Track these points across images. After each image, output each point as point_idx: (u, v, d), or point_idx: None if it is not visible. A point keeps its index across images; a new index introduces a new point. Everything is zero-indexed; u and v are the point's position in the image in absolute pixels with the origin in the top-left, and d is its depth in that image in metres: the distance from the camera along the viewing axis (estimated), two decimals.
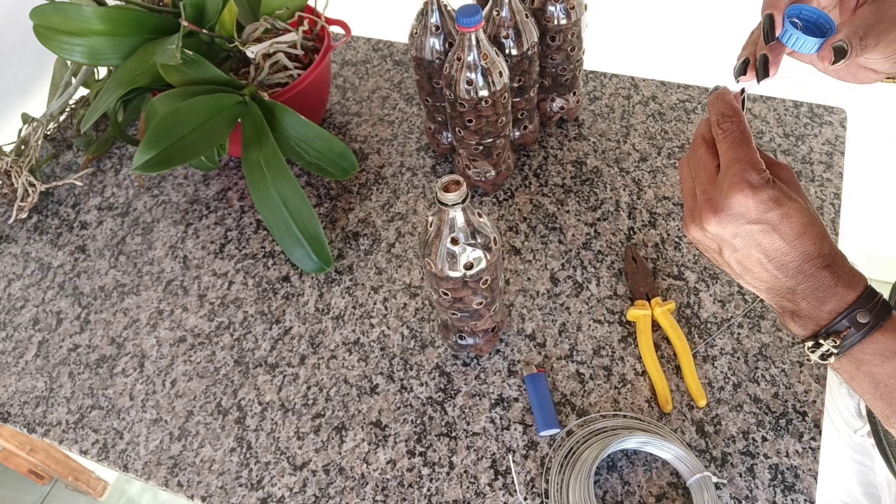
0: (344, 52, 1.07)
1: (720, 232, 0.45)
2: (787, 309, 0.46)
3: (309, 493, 0.64)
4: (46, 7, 0.78)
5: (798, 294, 0.44)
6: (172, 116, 0.73)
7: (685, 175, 0.49)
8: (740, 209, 0.43)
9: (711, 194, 0.45)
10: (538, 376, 0.68)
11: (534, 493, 0.62)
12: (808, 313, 0.44)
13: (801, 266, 0.44)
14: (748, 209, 0.43)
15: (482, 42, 0.69)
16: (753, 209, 0.43)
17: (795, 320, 0.45)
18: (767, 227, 0.43)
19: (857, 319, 0.43)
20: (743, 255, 0.45)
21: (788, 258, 0.44)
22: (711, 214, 0.44)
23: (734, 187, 0.43)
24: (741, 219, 0.44)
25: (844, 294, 0.43)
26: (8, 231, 0.92)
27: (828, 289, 0.44)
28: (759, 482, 0.61)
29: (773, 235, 0.44)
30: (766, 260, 0.44)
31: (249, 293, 0.80)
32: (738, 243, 0.45)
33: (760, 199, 0.43)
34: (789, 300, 0.45)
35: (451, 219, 0.55)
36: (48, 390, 0.75)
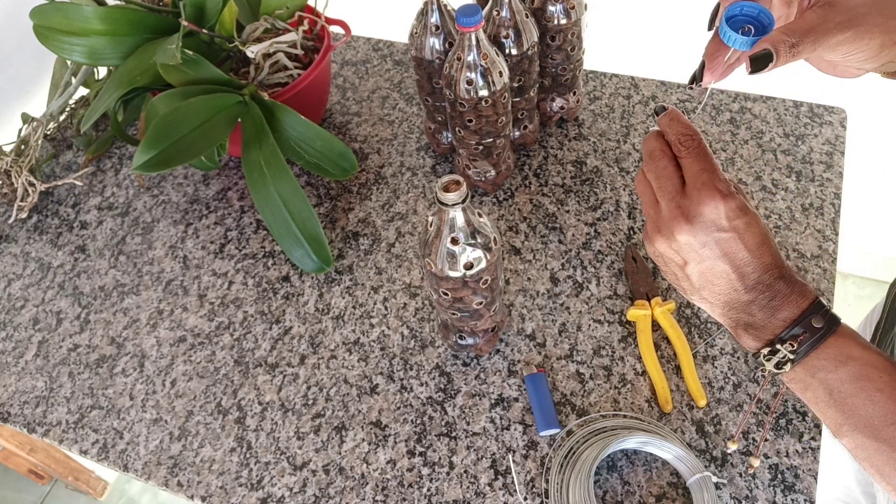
0: (344, 52, 1.07)
1: (690, 241, 0.45)
2: (742, 322, 0.46)
3: (309, 493, 0.64)
4: (46, 7, 0.78)
5: (755, 305, 0.45)
6: (172, 116, 0.73)
7: (644, 188, 0.48)
8: (712, 216, 0.44)
9: (681, 202, 0.45)
10: (538, 376, 0.68)
11: (534, 493, 0.62)
12: (763, 323, 0.45)
13: (761, 277, 0.45)
14: (719, 216, 0.44)
15: (482, 42, 0.69)
16: (724, 216, 0.44)
17: (749, 332, 0.46)
18: (735, 236, 0.44)
19: (812, 324, 0.43)
20: (708, 266, 0.45)
21: (750, 268, 0.44)
22: (684, 222, 0.45)
23: (706, 195, 0.44)
24: (712, 226, 0.44)
25: (798, 302, 0.44)
26: (8, 231, 0.92)
27: (783, 297, 0.44)
28: (759, 482, 0.61)
29: (739, 244, 0.44)
30: (731, 270, 0.45)
31: (249, 293, 0.80)
32: (706, 253, 0.45)
33: (730, 207, 0.44)
34: (745, 312, 0.45)
35: (451, 219, 0.55)
36: (48, 390, 0.75)
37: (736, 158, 0.85)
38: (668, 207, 0.46)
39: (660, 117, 0.48)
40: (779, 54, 0.43)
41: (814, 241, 0.76)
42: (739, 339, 0.47)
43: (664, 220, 0.46)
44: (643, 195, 0.49)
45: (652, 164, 0.47)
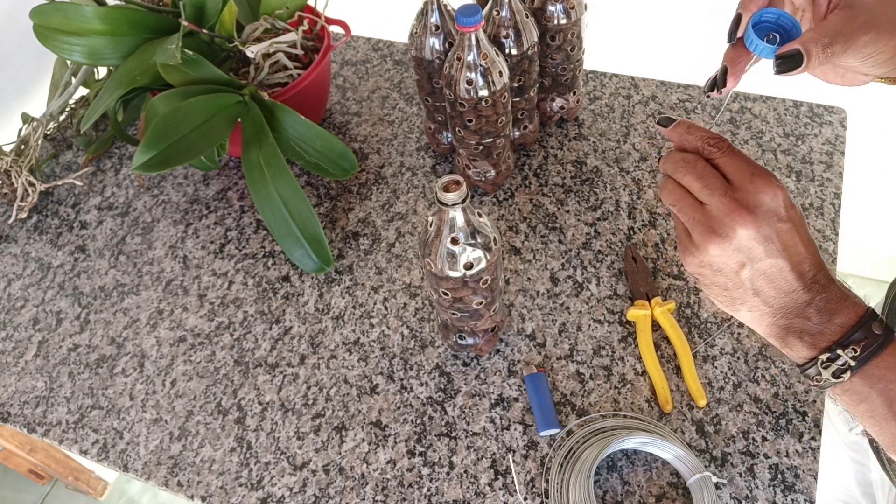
0: (344, 52, 1.07)
1: (753, 235, 0.42)
2: (795, 328, 0.43)
3: (309, 493, 0.64)
4: (46, 7, 0.78)
5: (811, 307, 0.42)
6: (172, 116, 0.73)
7: (680, 194, 0.45)
8: (772, 205, 0.42)
9: (735, 195, 0.42)
10: (538, 376, 0.68)
11: (534, 493, 0.62)
12: (819, 328, 0.42)
13: (816, 276, 0.42)
14: (778, 205, 0.42)
15: (482, 42, 0.69)
16: (782, 205, 0.42)
17: (804, 339, 0.43)
18: (792, 228, 0.42)
19: (873, 330, 0.41)
20: (769, 264, 0.42)
21: (806, 265, 0.42)
22: (746, 213, 0.42)
23: (762, 183, 0.42)
24: (773, 217, 0.42)
25: (853, 307, 0.42)
26: (8, 231, 0.92)
27: (838, 301, 0.42)
28: (759, 482, 0.61)
29: (796, 238, 0.42)
30: (790, 267, 0.42)
31: (249, 293, 0.80)
32: (770, 248, 0.42)
33: (786, 195, 0.42)
34: (801, 316, 0.43)
35: (451, 219, 0.55)
36: (48, 390, 0.75)
37: None
38: (721, 203, 0.43)
39: (672, 130, 0.46)
40: (810, 55, 0.42)
41: None
42: (789, 349, 0.44)
43: (718, 218, 0.43)
44: (680, 202, 0.45)
45: (687, 167, 0.45)
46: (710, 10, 1.20)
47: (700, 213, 0.44)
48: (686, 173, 0.45)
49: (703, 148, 0.45)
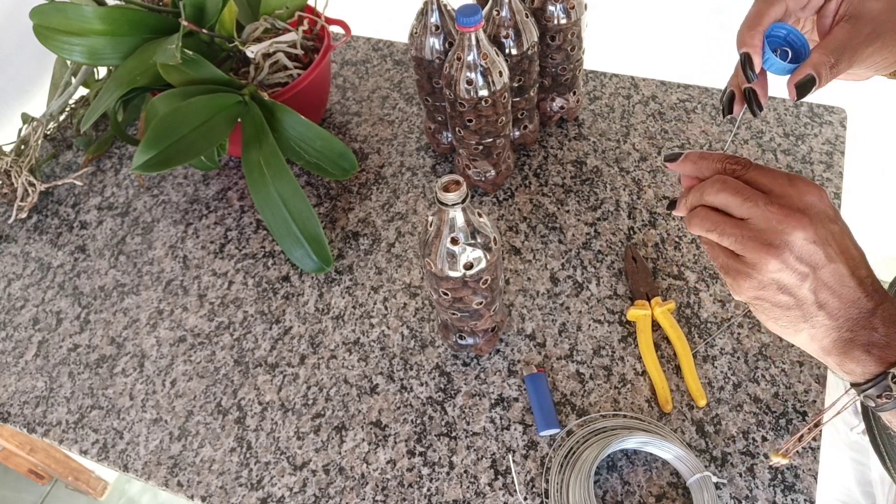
0: (344, 52, 1.07)
1: (811, 238, 0.39)
2: (861, 341, 0.40)
3: (309, 493, 0.64)
4: (46, 7, 0.78)
5: (877, 317, 0.39)
6: (172, 116, 0.73)
7: (716, 218, 0.42)
8: (821, 206, 0.39)
9: (782, 201, 0.39)
10: (538, 376, 0.68)
11: (534, 493, 0.62)
12: (887, 340, 0.39)
13: (875, 282, 0.40)
14: (826, 205, 0.39)
15: (482, 42, 0.69)
16: (829, 205, 0.40)
17: (871, 352, 0.40)
18: (844, 230, 0.40)
19: None
20: (832, 270, 0.39)
21: (864, 271, 0.40)
22: (801, 215, 0.39)
23: (803, 186, 0.39)
24: (825, 218, 0.39)
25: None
26: (8, 231, 0.92)
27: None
28: (759, 482, 0.61)
29: (849, 241, 0.40)
30: (849, 273, 0.39)
31: (249, 293, 0.80)
32: (830, 252, 0.39)
33: (828, 196, 0.40)
34: (867, 327, 0.40)
35: (451, 219, 0.55)
36: (48, 390, 0.75)
37: None
38: (769, 212, 0.39)
39: (682, 163, 0.44)
40: (821, 77, 0.42)
41: None
42: (854, 363, 0.40)
43: (770, 229, 0.39)
44: (720, 224, 0.42)
45: (718, 186, 0.42)
46: (710, 10, 1.20)
47: (747, 230, 0.40)
48: (718, 192, 0.42)
49: (724, 170, 0.43)
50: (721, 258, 0.43)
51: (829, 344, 0.41)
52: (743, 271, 0.41)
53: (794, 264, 0.39)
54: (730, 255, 0.42)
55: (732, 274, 0.42)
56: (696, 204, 0.44)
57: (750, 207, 0.40)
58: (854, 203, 1.43)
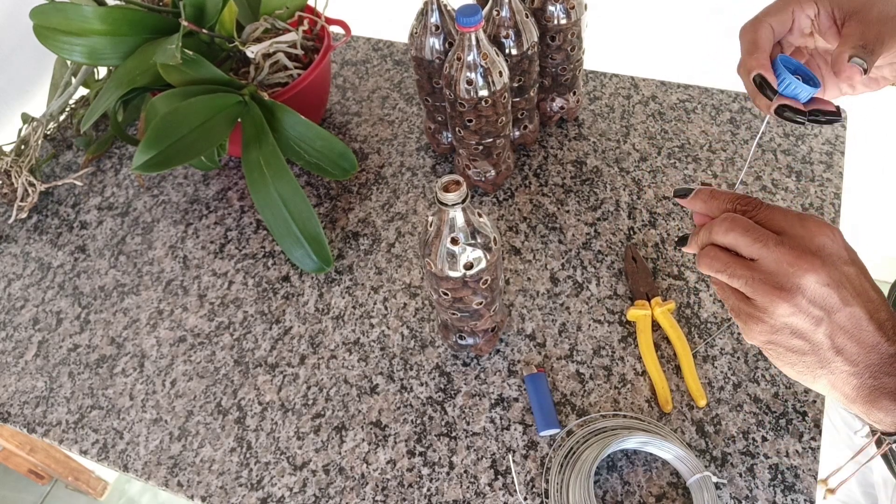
0: (344, 52, 1.07)
1: (825, 281, 0.37)
2: (888, 388, 0.38)
3: (309, 493, 0.64)
4: (46, 7, 0.78)
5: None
6: (172, 116, 0.73)
7: (726, 258, 0.41)
8: (833, 248, 0.38)
9: (792, 243, 0.38)
10: (538, 376, 0.68)
11: (534, 493, 0.62)
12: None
13: (895, 325, 0.38)
14: (840, 246, 0.38)
15: (482, 42, 0.69)
16: (843, 246, 0.38)
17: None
18: (859, 271, 0.38)
19: None
20: (848, 314, 0.38)
21: (884, 313, 0.38)
22: (813, 257, 0.37)
23: (814, 226, 0.38)
24: (838, 259, 0.38)
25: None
26: (8, 231, 0.92)
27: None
28: (759, 482, 0.61)
29: (866, 283, 0.38)
30: (867, 316, 0.38)
31: (249, 293, 0.80)
32: (845, 296, 0.38)
33: (843, 237, 0.39)
34: (890, 373, 0.38)
35: (451, 219, 0.55)
36: (48, 390, 0.75)
37: (736, 158, 0.85)
38: (780, 253, 0.38)
39: (693, 200, 0.43)
40: (867, 60, 0.40)
41: None
42: (882, 412, 0.39)
43: (780, 271, 0.38)
44: (730, 265, 0.40)
45: (728, 224, 0.40)
46: (710, 10, 1.20)
47: (757, 272, 0.39)
48: (727, 231, 0.40)
49: (734, 210, 0.42)
50: (731, 300, 0.42)
51: (851, 391, 0.40)
52: (754, 315, 0.40)
53: (807, 308, 0.38)
54: (740, 298, 0.41)
55: (743, 317, 0.41)
56: (706, 243, 0.42)
57: (760, 248, 0.39)
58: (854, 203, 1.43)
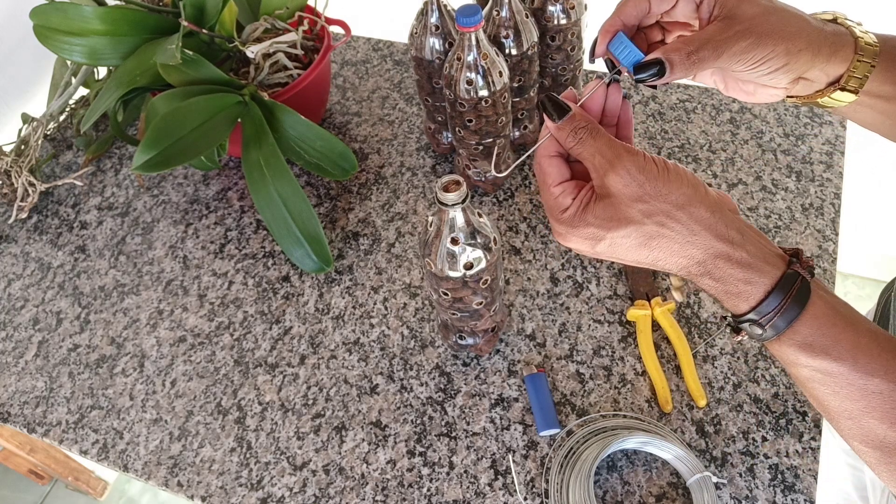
0: (344, 52, 1.07)
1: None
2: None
3: (309, 493, 0.64)
4: (46, 7, 0.78)
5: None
6: (172, 116, 0.73)
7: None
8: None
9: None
10: (538, 376, 0.68)
11: (534, 493, 0.62)
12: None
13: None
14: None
15: (482, 42, 0.69)
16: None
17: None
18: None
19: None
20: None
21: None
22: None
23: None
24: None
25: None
26: (8, 231, 0.92)
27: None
28: (759, 482, 0.61)
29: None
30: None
31: (249, 293, 0.80)
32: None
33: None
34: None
35: (451, 219, 0.55)
36: (48, 390, 0.75)
37: (736, 158, 0.85)
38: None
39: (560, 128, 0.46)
40: (672, 63, 0.43)
41: (814, 241, 0.76)
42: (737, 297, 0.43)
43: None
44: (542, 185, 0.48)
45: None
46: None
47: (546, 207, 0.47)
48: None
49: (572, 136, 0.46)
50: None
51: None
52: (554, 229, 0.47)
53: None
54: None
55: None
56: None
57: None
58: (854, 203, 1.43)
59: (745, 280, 0.41)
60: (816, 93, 0.49)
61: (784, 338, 0.41)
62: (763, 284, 0.41)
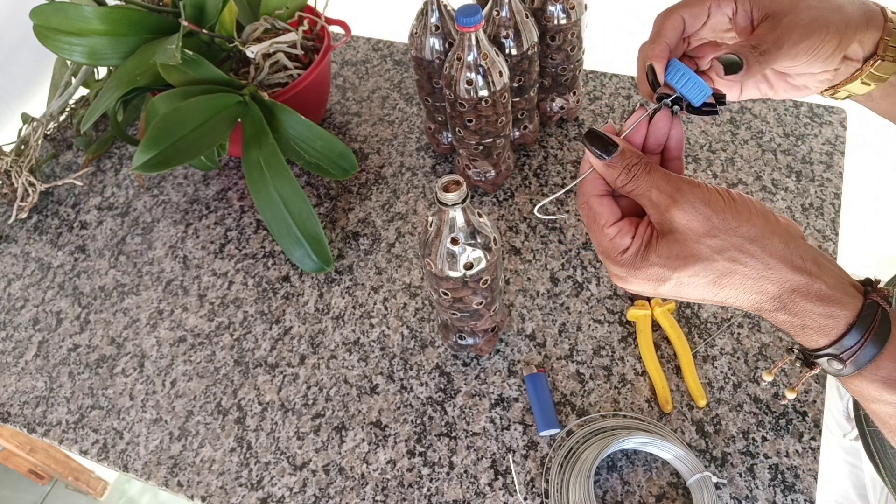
0: (344, 52, 1.07)
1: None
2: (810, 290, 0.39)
3: (309, 493, 0.64)
4: (46, 7, 0.78)
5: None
6: (172, 116, 0.73)
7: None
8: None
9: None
10: (538, 376, 0.68)
11: (534, 493, 0.62)
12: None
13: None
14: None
15: (482, 42, 0.69)
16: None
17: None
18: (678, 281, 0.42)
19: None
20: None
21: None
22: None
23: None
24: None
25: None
26: (8, 231, 0.92)
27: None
28: (759, 482, 0.61)
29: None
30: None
31: (249, 293, 0.80)
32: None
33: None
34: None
35: (451, 219, 0.55)
36: (48, 390, 0.75)
37: (736, 158, 0.85)
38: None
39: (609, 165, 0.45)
40: (748, 61, 0.42)
41: (814, 241, 0.76)
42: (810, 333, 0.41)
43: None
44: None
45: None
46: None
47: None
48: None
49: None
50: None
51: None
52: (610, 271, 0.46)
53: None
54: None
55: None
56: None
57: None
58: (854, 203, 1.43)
59: (826, 314, 0.39)
60: (856, 73, 0.47)
61: (866, 373, 0.39)
62: (845, 318, 0.39)
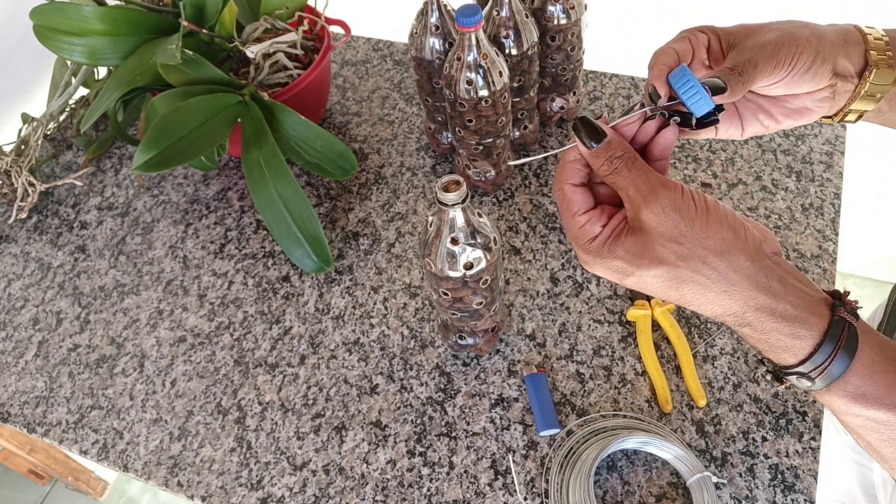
0: (344, 52, 1.07)
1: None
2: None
3: (309, 493, 0.64)
4: (46, 7, 0.78)
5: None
6: (172, 116, 0.73)
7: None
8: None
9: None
10: (538, 376, 0.68)
11: (534, 493, 0.62)
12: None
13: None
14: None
15: (482, 42, 0.69)
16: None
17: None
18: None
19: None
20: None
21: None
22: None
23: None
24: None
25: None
26: (8, 231, 0.92)
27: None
28: (759, 482, 0.61)
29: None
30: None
31: (249, 293, 0.80)
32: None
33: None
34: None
35: (451, 219, 0.55)
36: (48, 390, 0.75)
37: (736, 158, 0.85)
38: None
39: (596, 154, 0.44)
40: (730, 82, 0.42)
41: (814, 241, 0.76)
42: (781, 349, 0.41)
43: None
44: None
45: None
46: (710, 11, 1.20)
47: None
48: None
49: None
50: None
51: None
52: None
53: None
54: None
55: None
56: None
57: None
58: (854, 203, 1.44)
59: (792, 334, 0.39)
60: (857, 88, 0.47)
61: (834, 389, 0.39)
62: (811, 337, 0.39)
